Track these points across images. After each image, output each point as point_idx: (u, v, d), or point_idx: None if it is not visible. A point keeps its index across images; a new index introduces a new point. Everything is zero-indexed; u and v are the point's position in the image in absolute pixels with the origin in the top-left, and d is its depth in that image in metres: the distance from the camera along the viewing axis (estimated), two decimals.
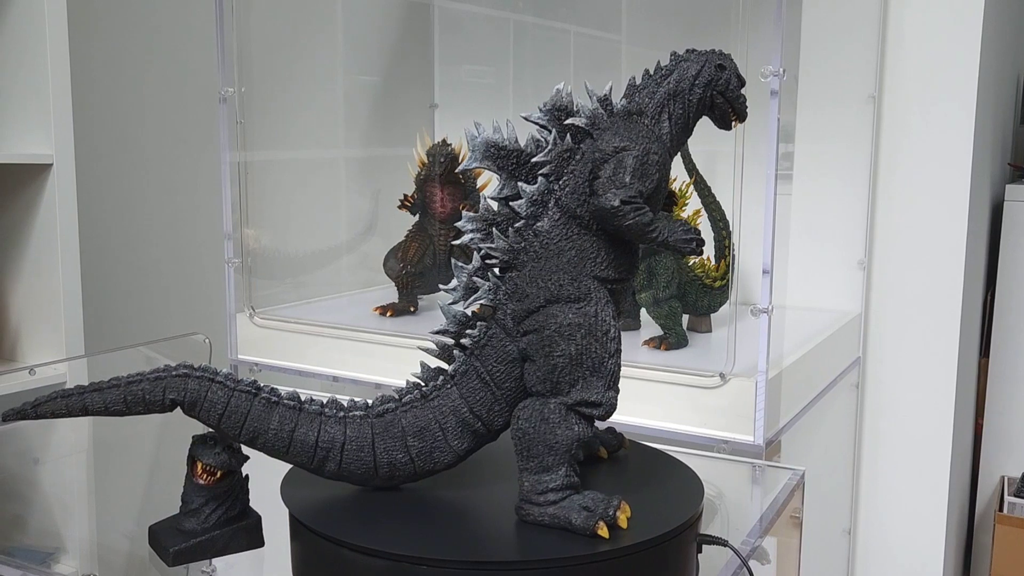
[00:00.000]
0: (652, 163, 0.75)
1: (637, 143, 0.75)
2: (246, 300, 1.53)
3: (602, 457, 0.88)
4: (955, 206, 1.54)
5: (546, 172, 0.75)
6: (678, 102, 0.78)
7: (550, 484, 0.72)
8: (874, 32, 1.56)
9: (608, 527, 0.70)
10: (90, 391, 0.73)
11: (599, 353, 0.73)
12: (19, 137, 1.68)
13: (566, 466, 0.72)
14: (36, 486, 1.14)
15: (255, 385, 0.75)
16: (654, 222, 0.74)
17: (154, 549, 0.79)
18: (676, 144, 0.79)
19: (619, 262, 0.76)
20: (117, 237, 2.39)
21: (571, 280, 0.74)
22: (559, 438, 0.72)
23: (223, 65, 1.48)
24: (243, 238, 1.52)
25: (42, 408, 0.73)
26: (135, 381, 0.74)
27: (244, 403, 0.74)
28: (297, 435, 0.75)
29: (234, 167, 1.50)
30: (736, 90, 0.80)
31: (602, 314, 0.74)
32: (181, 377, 0.74)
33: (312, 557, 0.73)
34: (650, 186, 0.74)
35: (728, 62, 0.80)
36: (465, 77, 1.90)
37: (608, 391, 0.74)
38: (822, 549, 1.55)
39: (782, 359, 1.18)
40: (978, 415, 1.96)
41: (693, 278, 1.33)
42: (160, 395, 0.74)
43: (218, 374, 0.75)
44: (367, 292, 1.73)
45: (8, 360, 1.73)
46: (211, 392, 0.74)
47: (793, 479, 0.98)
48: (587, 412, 0.73)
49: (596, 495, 0.72)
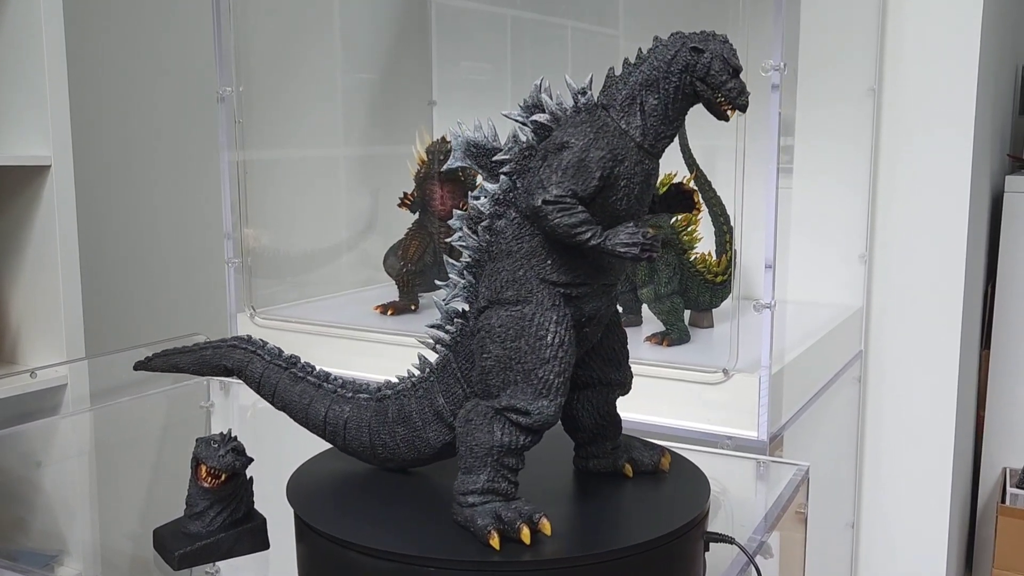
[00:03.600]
0: (593, 161, 0.69)
1: (580, 139, 0.70)
2: (247, 300, 1.53)
3: (626, 475, 0.82)
4: (956, 198, 1.54)
5: (507, 171, 0.73)
6: (652, 92, 0.72)
7: (470, 486, 0.71)
8: (874, 25, 1.55)
9: (531, 534, 0.68)
10: (180, 353, 0.87)
11: (530, 358, 0.70)
12: (17, 139, 1.67)
13: (489, 470, 0.70)
14: (39, 489, 1.14)
15: (290, 360, 0.84)
16: (584, 224, 0.68)
17: (158, 552, 0.79)
18: (657, 137, 0.72)
19: (572, 266, 0.72)
20: (116, 238, 2.38)
21: (512, 281, 0.72)
22: (479, 441, 0.71)
23: (221, 64, 1.47)
24: (243, 238, 1.52)
25: (153, 363, 0.89)
26: (205, 348, 0.87)
27: (275, 375, 0.84)
28: (311, 410, 0.82)
29: (233, 167, 1.50)
30: (720, 75, 0.70)
31: (539, 318, 0.71)
32: (231, 348, 0.85)
33: (318, 558, 0.73)
34: (588, 185, 0.69)
35: (711, 44, 0.71)
36: (463, 74, 1.89)
37: (539, 400, 0.70)
38: (826, 543, 1.55)
39: (784, 354, 1.18)
40: (980, 407, 1.96)
41: (695, 273, 1.33)
42: (218, 361, 0.86)
43: (262, 348, 0.85)
44: (367, 291, 1.73)
45: (9, 362, 1.73)
46: (252, 363, 0.84)
47: (798, 475, 0.98)
48: (515, 419, 0.70)
49: (521, 506, 0.70)
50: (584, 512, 0.76)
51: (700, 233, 1.34)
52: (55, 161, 1.64)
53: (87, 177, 1.96)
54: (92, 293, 1.88)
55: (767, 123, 1.08)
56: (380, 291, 1.66)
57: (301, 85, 1.76)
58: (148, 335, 1.65)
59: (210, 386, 1.39)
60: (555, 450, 0.82)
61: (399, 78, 1.91)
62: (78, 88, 1.83)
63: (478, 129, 0.74)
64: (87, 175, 1.96)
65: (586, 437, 0.81)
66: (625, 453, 0.82)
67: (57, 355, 1.67)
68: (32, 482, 1.15)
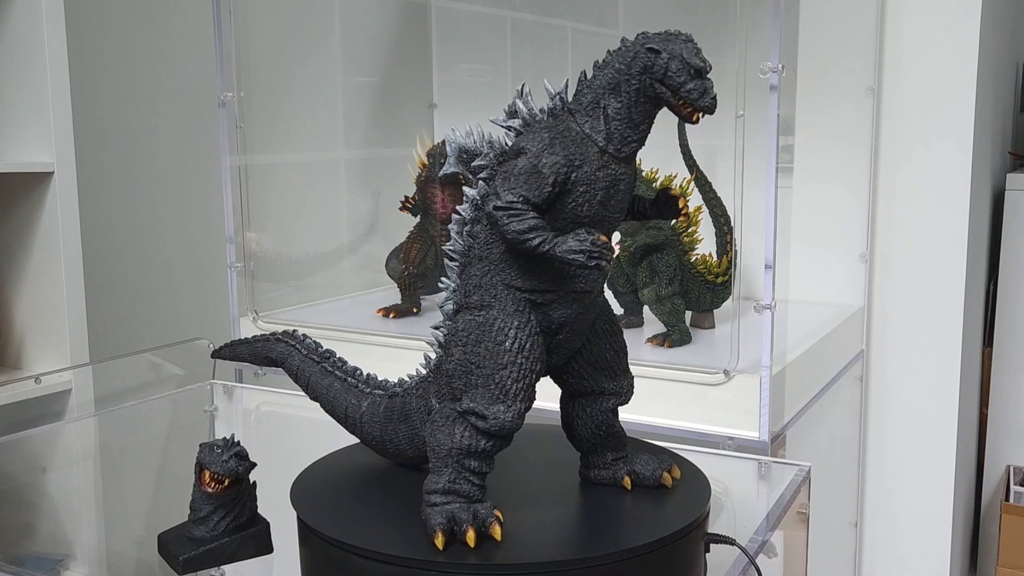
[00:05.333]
0: (546, 166, 0.69)
1: (535, 145, 0.70)
2: (249, 304, 1.53)
3: (625, 487, 0.79)
4: (956, 196, 1.54)
5: (484, 176, 0.73)
6: (614, 95, 0.70)
7: (433, 486, 0.71)
8: (873, 24, 1.55)
9: (476, 536, 0.68)
10: (241, 344, 0.94)
11: (488, 363, 0.70)
12: (20, 146, 1.68)
13: (450, 471, 0.71)
14: (44, 494, 1.15)
15: (323, 354, 0.88)
16: (534, 231, 0.68)
17: (163, 557, 0.80)
18: (623, 142, 0.71)
19: (536, 272, 0.71)
20: (119, 244, 2.39)
21: (478, 287, 0.73)
22: (440, 442, 0.72)
23: (222, 69, 1.48)
24: (245, 242, 1.53)
25: (222, 352, 0.96)
26: (257, 340, 0.92)
27: (309, 368, 0.88)
28: (336, 403, 0.86)
29: (234, 171, 1.51)
30: (678, 75, 0.68)
31: (500, 323, 0.71)
32: (277, 341, 0.90)
33: (321, 562, 0.73)
34: (541, 191, 0.68)
35: (670, 44, 0.69)
36: (464, 76, 1.90)
37: (495, 405, 0.70)
38: (829, 542, 1.55)
39: (785, 354, 1.18)
40: (982, 405, 1.96)
41: (696, 274, 1.33)
42: (266, 352, 0.91)
43: (301, 342, 0.89)
44: (369, 294, 1.73)
45: (13, 368, 1.74)
46: (291, 356, 0.89)
47: (799, 475, 0.98)
48: (474, 423, 0.71)
49: (478, 509, 0.70)
50: (585, 514, 0.76)
51: (700, 234, 1.34)
52: (58, 167, 1.65)
53: (90, 183, 1.97)
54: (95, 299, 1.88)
55: (766, 124, 1.08)
56: (382, 294, 1.67)
57: (302, 89, 1.76)
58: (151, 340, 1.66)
59: (213, 391, 1.40)
60: (565, 451, 0.82)
61: (400, 81, 1.91)
62: (80, 94, 1.84)
63: (469, 135, 0.75)
64: (90, 181, 1.97)
65: (585, 446, 0.80)
66: (627, 465, 0.80)
67: (61, 361, 1.68)
68: (37, 487, 1.15)
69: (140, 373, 1.46)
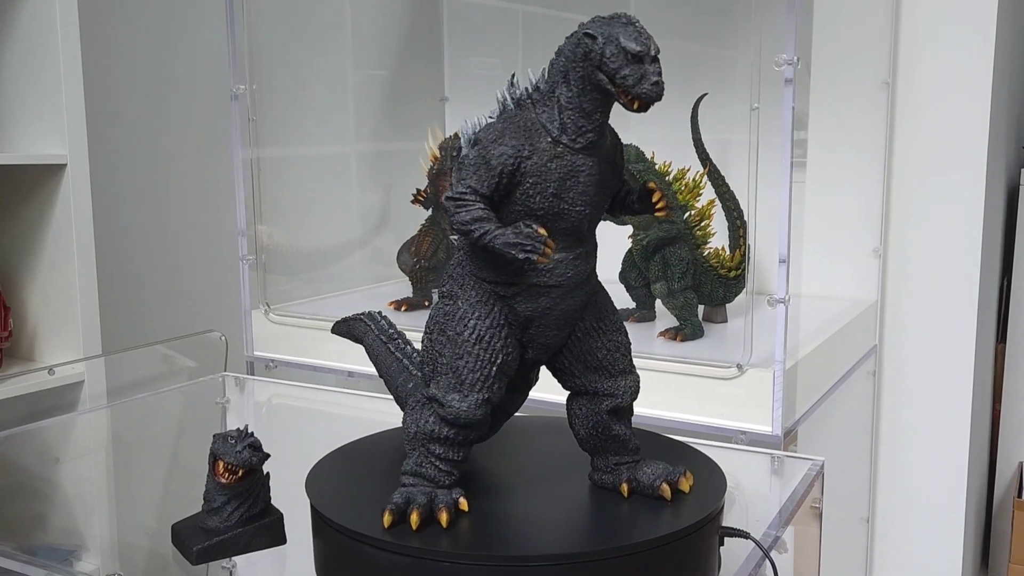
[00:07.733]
0: (494, 157, 0.67)
1: (487, 136, 0.69)
2: (261, 297, 1.54)
3: (622, 493, 0.76)
4: (971, 192, 1.53)
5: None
6: (565, 84, 0.68)
7: (404, 467, 0.73)
8: (887, 18, 1.54)
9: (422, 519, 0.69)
10: (342, 321, 0.95)
11: (447, 352, 0.71)
12: (33, 138, 1.69)
13: (417, 454, 0.73)
14: (57, 485, 1.15)
15: (391, 335, 0.90)
16: (477, 222, 0.67)
17: (177, 548, 0.80)
18: (578, 132, 0.68)
19: (497, 265, 0.70)
20: (132, 236, 2.40)
21: (451, 276, 0.74)
22: (408, 425, 0.74)
23: (234, 62, 1.48)
24: (257, 235, 1.53)
25: (334, 328, 0.97)
26: (349, 319, 0.94)
27: (378, 348, 0.90)
28: (392, 383, 0.88)
29: (247, 164, 1.51)
30: (613, 61, 0.64)
31: (461, 313, 0.71)
32: (358, 320, 0.93)
33: (335, 553, 0.73)
34: (489, 182, 0.67)
35: (606, 27, 0.65)
36: (475, 70, 1.89)
37: (451, 393, 0.71)
38: (841, 537, 1.55)
39: (799, 349, 1.18)
40: (995, 401, 1.95)
41: (708, 268, 1.32)
42: (350, 330, 0.94)
43: (377, 323, 0.91)
44: (381, 287, 1.73)
45: (27, 360, 1.74)
46: (367, 335, 0.91)
47: (812, 469, 0.97)
48: (436, 409, 0.72)
49: (434, 493, 0.71)
50: (600, 507, 0.76)
51: (714, 228, 1.33)
52: (71, 160, 1.65)
53: (102, 175, 1.97)
54: (108, 290, 1.89)
55: (781, 117, 1.07)
56: (394, 287, 1.67)
57: (314, 82, 1.76)
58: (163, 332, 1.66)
59: (225, 383, 1.40)
60: None
61: (411, 75, 1.91)
62: (93, 87, 1.84)
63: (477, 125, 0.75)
64: (102, 173, 1.97)
65: (587, 447, 0.78)
66: (628, 471, 0.76)
67: (74, 352, 1.68)
68: (50, 478, 1.15)
69: (152, 365, 1.46)
